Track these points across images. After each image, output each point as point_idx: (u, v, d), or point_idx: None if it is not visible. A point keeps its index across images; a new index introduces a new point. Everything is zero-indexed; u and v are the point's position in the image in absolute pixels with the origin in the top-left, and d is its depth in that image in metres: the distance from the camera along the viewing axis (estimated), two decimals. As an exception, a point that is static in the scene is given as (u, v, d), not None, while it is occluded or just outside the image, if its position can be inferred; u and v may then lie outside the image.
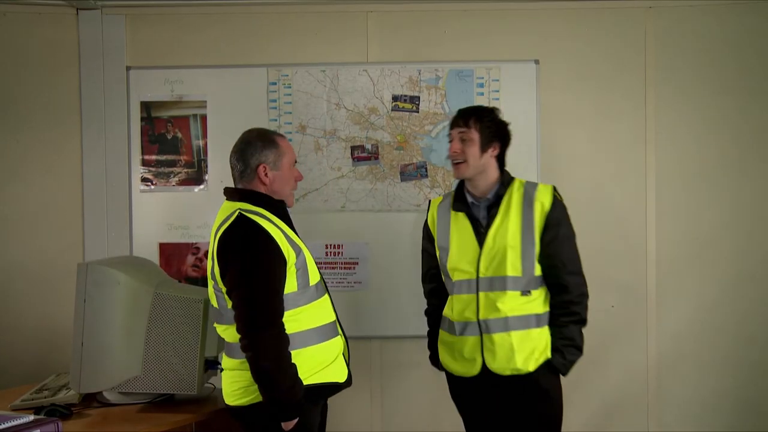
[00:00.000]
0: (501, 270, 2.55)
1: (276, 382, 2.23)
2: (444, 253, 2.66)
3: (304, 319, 2.35)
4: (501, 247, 2.54)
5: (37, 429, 2.07)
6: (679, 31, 3.61)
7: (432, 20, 3.65)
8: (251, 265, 2.26)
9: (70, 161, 3.68)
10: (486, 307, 2.56)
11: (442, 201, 2.78)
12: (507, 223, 2.56)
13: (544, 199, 2.59)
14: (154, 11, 3.67)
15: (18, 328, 3.64)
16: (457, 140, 2.63)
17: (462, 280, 2.61)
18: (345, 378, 2.47)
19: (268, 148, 2.47)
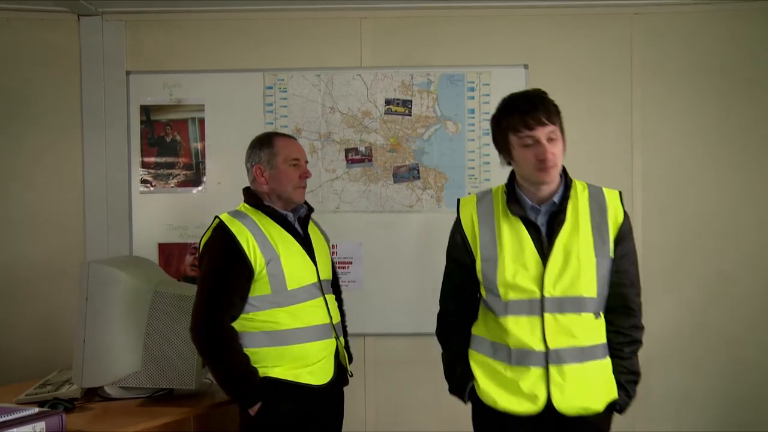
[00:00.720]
0: (574, 289, 2.13)
1: (217, 374, 2.48)
2: (490, 266, 2.18)
3: (284, 319, 2.49)
4: (573, 262, 2.12)
5: (41, 421, 2.18)
6: (664, 35, 3.70)
7: (424, 26, 3.74)
8: (206, 270, 2.51)
9: (71, 163, 3.76)
10: (556, 334, 2.11)
11: (479, 201, 2.31)
12: (577, 232, 2.15)
13: (617, 207, 2.21)
14: (153, 17, 3.75)
15: (21, 325, 3.73)
16: (545, 141, 2.09)
17: (520, 299, 2.14)
18: (326, 380, 2.57)
19: (262, 149, 2.62)
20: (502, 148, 2.20)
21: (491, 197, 2.29)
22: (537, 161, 2.09)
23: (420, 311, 3.71)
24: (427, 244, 3.71)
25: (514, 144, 2.13)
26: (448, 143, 3.69)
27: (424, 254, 3.71)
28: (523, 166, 2.14)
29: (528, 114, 2.10)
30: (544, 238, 2.16)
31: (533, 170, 2.11)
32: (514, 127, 2.11)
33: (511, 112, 2.14)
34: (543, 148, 2.09)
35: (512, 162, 2.21)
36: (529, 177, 2.15)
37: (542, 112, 2.11)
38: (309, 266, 2.59)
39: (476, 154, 3.68)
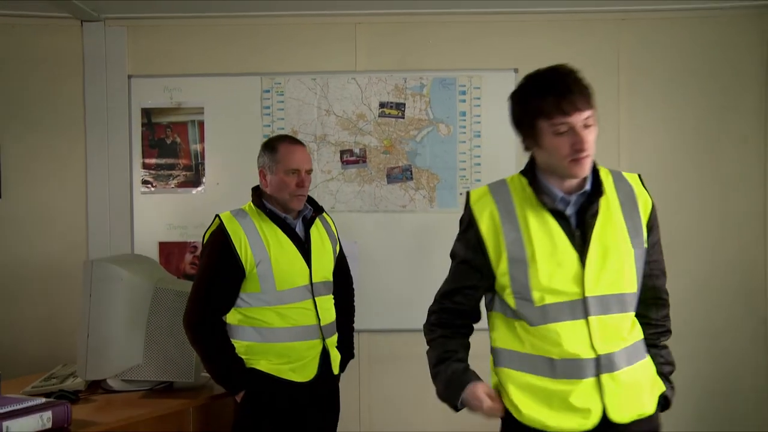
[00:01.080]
0: (617, 285, 1.88)
1: (206, 362, 2.66)
2: (520, 269, 1.88)
3: (271, 318, 2.63)
4: (612, 256, 1.87)
5: (48, 410, 2.31)
6: (650, 40, 3.82)
7: (417, 31, 3.85)
8: (201, 266, 2.70)
9: (74, 164, 3.88)
10: (604, 337, 1.85)
11: (494, 193, 1.96)
12: (612, 223, 1.90)
13: (643, 192, 1.99)
14: (154, 23, 3.87)
15: (27, 321, 3.84)
16: (581, 129, 1.80)
17: (559, 303, 1.85)
18: (309, 378, 2.69)
19: (267, 154, 2.75)
20: (528, 134, 1.88)
21: (507, 189, 1.96)
22: (572, 151, 1.80)
23: (413, 308, 3.77)
24: (420, 243, 3.83)
25: (544, 130, 1.82)
26: (440, 145, 3.80)
27: (416, 253, 3.83)
28: (554, 156, 1.83)
29: (564, 97, 1.78)
30: (575, 231, 1.89)
31: (567, 162, 1.82)
32: (547, 112, 1.79)
33: (542, 93, 1.81)
34: (579, 137, 1.79)
35: (538, 150, 1.89)
36: (561, 169, 1.85)
37: (579, 95, 1.80)
38: (302, 269, 2.70)
39: (467, 155, 3.79)
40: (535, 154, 1.91)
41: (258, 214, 2.69)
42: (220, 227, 2.63)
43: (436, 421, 3.86)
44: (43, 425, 2.26)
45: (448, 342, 2.03)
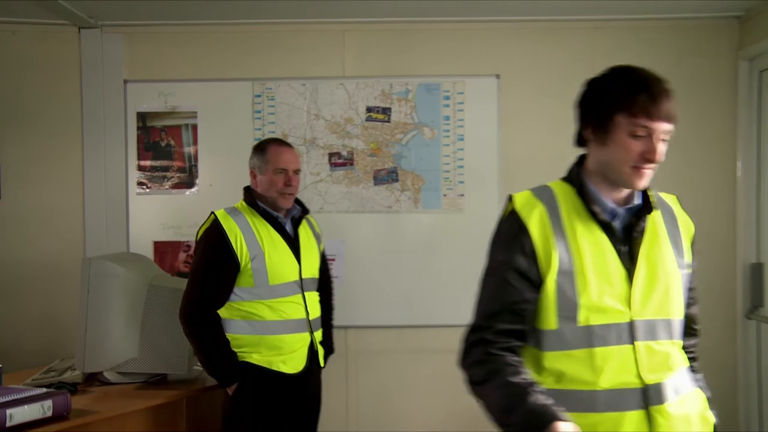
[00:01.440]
0: (664, 310, 1.71)
1: (200, 355, 2.78)
2: (567, 282, 1.67)
3: (264, 312, 2.78)
4: (660, 277, 1.71)
5: (49, 399, 2.45)
6: (622, 46, 3.94)
7: (403, 38, 3.98)
8: (197, 260, 2.82)
9: (72, 166, 3.99)
10: (652, 366, 1.67)
11: (540, 197, 1.76)
12: (658, 242, 1.75)
13: (683, 214, 1.88)
14: (150, 30, 3.98)
15: (26, 317, 3.95)
16: (658, 139, 1.65)
17: (604, 325, 1.66)
18: (298, 370, 2.84)
19: (257, 155, 2.93)
20: (597, 125, 1.70)
21: (552, 194, 1.77)
22: (641, 158, 1.65)
23: (399, 305, 3.97)
24: (405, 243, 3.97)
25: (620, 127, 1.65)
26: (424, 148, 3.94)
27: (402, 252, 3.97)
28: (619, 157, 1.67)
29: (656, 101, 1.63)
30: (622, 247, 1.72)
31: (629, 168, 1.67)
32: (632, 109, 1.63)
33: (635, 89, 1.65)
34: (654, 147, 1.64)
35: (597, 148, 1.73)
36: (619, 174, 1.69)
37: (670, 105, 1.65)
38: (292, 265, 2.85)
39: (451, 158, 3.93)
40: (592, 152, 1.74)
41: (251, 212, 2.85)
42: (216, 223, 2.77)
43: (421, 413, 4.03)
44: (44, 413, 2.40)
45: (518, 368, 1.65)
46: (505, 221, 1.75)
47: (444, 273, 3.96)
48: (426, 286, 3.98)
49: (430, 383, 4.04)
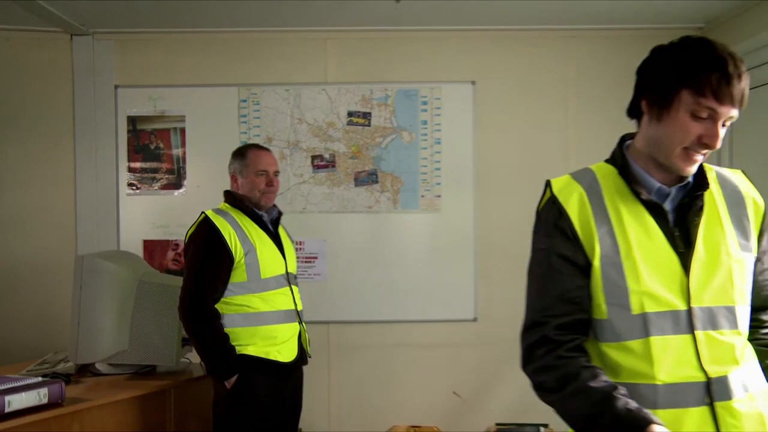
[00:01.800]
0: (726, 296, 1.58)
1: (200, 350, 2.89)
2: (614, 267, 1.57)
3: (257, 304, 2.93)
4: (722, 261, 1.59)
5: (45, 387, 2.61)
6: (595, 55, 4.17)
7: (382, 46, 4.18)
8: (193, 257, 2.93)
9: (64, 168, 4.17)
10: (715, 357, 1.54)
11: (579, 180, 1.66)
12: (719, 223, 1.62)
13: (753, 190, 1.69)
14: (140, 37, 4.16)
15: (20, 313, 4.12)
16: (718, 126, 1.52)
17: (660, 312, 1.54)
18: (291, 359, 3.00)
19: (237, 160, 3.09)
20: (658, 98, 1.56)
21: (594, 176, 1.66)
22: (697, 142, 1.52)
23: (378, 302, 4.17)
24: (385, 241, 4.17)
25: (683, 103, 1.51)
26: (403, 151, 4.13)
27: (381, 250, 4.17)
28: (674, 137, 1.54)
29: (729, 84, 1.47)
30: (674, 230, 1.60)
31: (680, 150, 1.54)
32: (702, 87, 1.48)
33: (709, 66, 1.49)
34: (715, 131, 1.51)
35: (651, 124, 1.59)
36: (668, 156, 1.56)
37: (741, 90, 1.49)
38: (279, 260, 3.03)
39: (428, 160, 4.12)
40: (644, 127, 1.62)
41: (236, 212, 3.01)
42: (208, 221, 2.91)
43: (401, 404, 4.24)
44: (40, 400, 2.56)
45: (594, 370, 1.54)
46: (543, 208, 1.66)
47: (422, 270, 4.16)
48: (405, 283, 4.17)
49: (409, 376, 4.25)
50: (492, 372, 4.21)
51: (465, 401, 4.23)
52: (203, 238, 2.92)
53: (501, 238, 4.14)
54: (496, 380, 4.20)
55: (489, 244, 4.18)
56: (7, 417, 2.44)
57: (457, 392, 4.23)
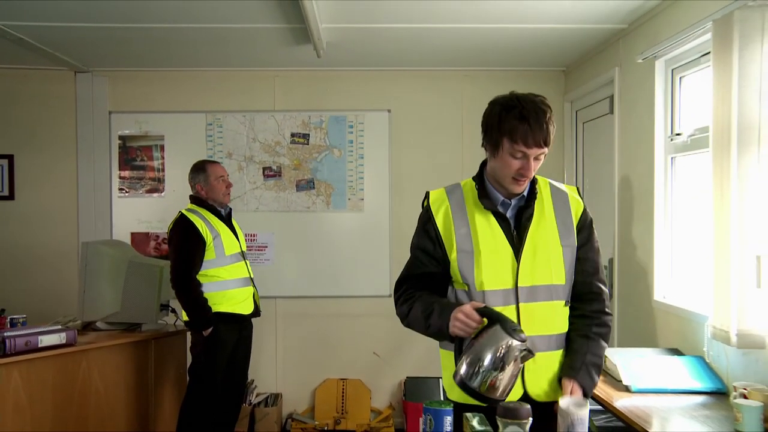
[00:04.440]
0: (545, 277, 2.11)
1: (187, 308, 3.94)
2: (466, 258, 2.12)
3: (224, 274, 4.02)
4: (542, 252, 2.11)
5: (64, 332, 3.67)
6: (482, 90, 4.93)
7: (318, 82, 5.23)
8: (177, 243, 3.96)
9: (69, 176, 5.17)
10: (530, 322, 2.08)
11: (450, 194, 2.22)
12: (544, 224, 2.14)
13: (577, 200, 2.22)
14: (128, 74, 5.17)
15: (33, 289, 5.10)
16: (532, 160, 2.05)
17: (495, 290, 2.09)
18: (250, 311, 4.13)
19: (200, 173, 4.15)
20: (490, 142, 2.09)
21: (461, 191, 2.20)
22: (516, 173, 2.05)
23: (315, 281, 5.23)
24: (320, 234, 5.23)
25: (504, 148, 2.04)
26: (334, 164, 5.22)
27: (318, 241, 5.23)
28: (502, 170, 2.07)
29: (533, 132, 1.99)
30: (513, 230, 2.12)
31: (509, 179, 2.07)
32: (513, 137, 2.01)
33: (518, 119, 2.00)
34: (528, 165, 2.03)
35: (491, 158, 2.12)
36: (502, 181, 2.10)
37: (544, 134, 2.01)
38: (235, 242, 4.14)
39: (354, 172, 5.23)
40: (489, 160, 2.14)
41: (202, 210, 4.10)
42: (185, 217, 3.97)
43: (333, 361, 5.26)
44: (60, 341, 3.65)
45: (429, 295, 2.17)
46: (421, 213, 2.23)
47: (349, 256, 5.24)
48: (335, 266, 5.24)
49: (339, 339, 5.29)
50: (403, 336, 5.08)
51: (382, 359, 5.31)
52: (183, 230, 3.96)
53: (410, 231, 4.86)
54: (406, 344, 5.23)
55: (401, 235, 5.14)
56: (40, 350, 3.55)
57: (376, 352, 5.31)
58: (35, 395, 3.52)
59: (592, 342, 2.13)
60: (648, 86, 3.73)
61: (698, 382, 2.95)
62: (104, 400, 3.90)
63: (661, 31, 3.56)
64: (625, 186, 4.06)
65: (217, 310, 3.99)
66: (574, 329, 2.16)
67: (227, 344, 4.06)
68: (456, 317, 1.96)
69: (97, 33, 4.18)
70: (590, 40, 4.39)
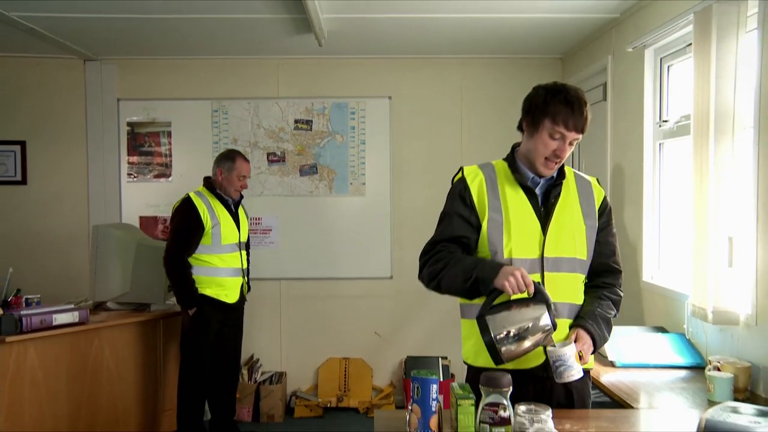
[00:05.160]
0: (569, 250, 2.26)
1: (174, 287, 4.13)
2: (496, 227, 2.24)
3: (216, 261, 4.20)
4: (567, 228, 2.26)
5: (77, 311, 3.85)
6: (481, 77, 5.37)
7: (321, 69, 5.36)
8: (176, 224, 4.15)
9: (79, 161, 5.33)
10: (553, 290, 2.17)
11: (483, 169, 2.33)
12: (570, 205, 2.29)
13: (598, 188, 2.37)
14: (137, 62, 5.32)
15: (46, 271, 5.26)
16: (567, 144, 2.20)
17: (523, 259, 2.21)
18: (234, 301, 4.28)
19: (227, 161, 4.29)
20: (530, 122, 2.21)
21: (493, 168, 2.32)
22: (552, 154, 2.19)
23: (318, 263, 5.39)
24: (323, 218, 5.38)
25: (544, 127, 2.17)
26: (336, 149, 5.37)
27: (320, 224, 5.38)
28: (537, 149, 2.20)
29: (575, 117, 2.14)
30: (540, 206, 2.25)
31: (542, 159, 2.20)
32: (556, 118, 2.14)
33: (563, 103, 2.14)
34: (564, 147, 2.18)
35: (527, 138, 2.25)
36: (535, 161, 2.23)
37: (583, 121, 2.16)
38: (235, 232, 4.30)
39: (355, 157, 5.37)
40: (523, 140, 2.28)
41: (210, 195, 4.26)
42: (190, 200, 4.14)
43: (333, 340, 5.42)
44: (73, 319, 3.83)
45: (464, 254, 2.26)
46: (455, 183, 2.32)
47: (351, 240, 5.39)
48: (338, 250, 5.40)
49: (342, 320, 5.44)
50: (404, 317, 5.46)
51: (384, 339, 5.48)
52: (185, 212, 4.13)
53: (410, 215, 5.34)
54: (407, 323, 5.44)
55: (401, 219, 5.38)
56: (54, 328, 3.73)
57: (378, 332, 5.49)
58: (50, 371, 3.70)
59: (603, 301, 2.27)
60: (638, 74, 3.86)
61: (679, 357, 3.10)
62: (115, 376, 4.09)
63: (650, 21, 3.68)
64: (617, 171, 4.20)
65: (203, 292, 4.15)
66: (586, 294, 2.30)
67: (212, 325, 4.24)
68: (513, 273, 2.04)
69: (106, 23, 4.33)
70: (585, 29, 4.51)
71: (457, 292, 2.20)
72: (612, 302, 2.30)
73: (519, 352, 2.07)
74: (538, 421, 1.88)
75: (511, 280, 2.03)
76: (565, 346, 2.08)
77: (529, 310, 2.07)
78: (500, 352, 2.05)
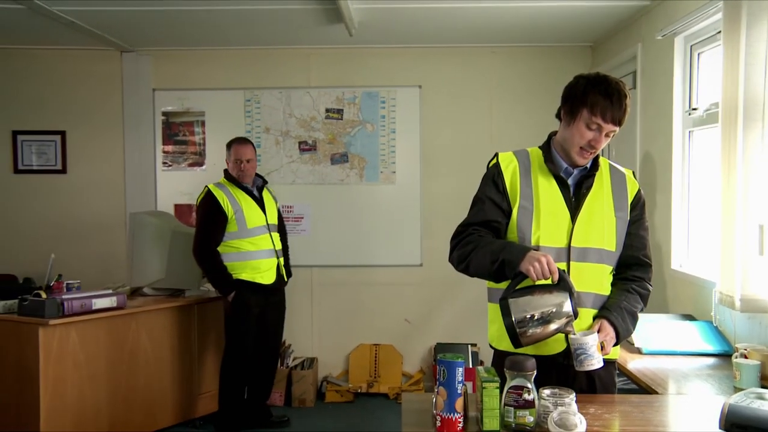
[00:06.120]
0: (597, 241, 2.26)
1: (208, 275, 4.25)
2: (526, 214, 2.25)
3: (246, 246, 4.28)
4: (597, 219, 2.26)
5: (115, 296, 3.99)
6: (511, 65, 5.38)
7: (352, 59, 5.42)
8: (201, 216, 4.26)
9: (117, 150, 5.46)
10: (579, 280, 2.18)
11: (518, 156, 2.33)
12: (602, 196, 2.28)
13: (633, 181, 2.36)
14: (171, 53, 5.42)
15: (86, 256, 5.40)
16: (603, 135, 2.19)
17: (550, 247, 2.22)
18: (271, 281, 4.36)
19: (227, 150, 4.42)
20: (569, 110, 2.22)
21: (528, 155, 2.33)
22: (587, 144, 2.19)
23: (349, 251, 5.46)
24: (353, 206, 5.45)
25: (582, 116, 2.17)
26: (367, 138, 5.43)
27: (351, 212, 5.44)
28: (573, 138, 2.21)
29: (613, 108, 2.14)
30: (572, 196, 2.25)
31: (578, 149, 2.20)
32: (594, 109, 2.15)
33: (602, 94, 2.15)
34: (599, 138, 2.18)
35: (564, 126, 2.26)
36: (570, 150, 2.23)
37: (621, 113, 2.16)
38: (260, 215, 4.38)
39: (386, 146, 5.43)
40: (560, 128, 2.29)
41: (230, 184, 4.36)
42: (210, 193, 4.26)
43: (364, 326, 5.49)
44: (112, 304, 3.96)
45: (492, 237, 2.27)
46: (490, 168, 2.33)
47: (381, 227, 5.45)
48: (368, 237, 5.47)
49: (372, 307, 5.51)
50: (433, 304, 5.51)
51: (413, 326, 5.53)
52: (206, 205, 4.25)
53: (440, 203, 5.37)
54: (436, 310, 5.50)
55: (431, 207, 5.41)
56: (93, 312, 3.86)
57: (407, 319, 5.55)
58: (91, 353, 3.84)
59: (631, 295, 2.27)
60: (668, 62, 3.85)
61: (707, 344, 3.12)
62: (152, 358, 4.21)
63: (680, 9, 3.67)
64: (646, 159, 4.20)
65: (238, 277, 4.26)
66: (614, 286, 2.30)
67: (252, 309, 4.33)
68: (538, 258, 2.05)
69: (142, 15, 4.44)
70: (615, 16, 4.50)
71: (485, 274, 2.22)
72: (640, 296, 2.30)
73: (538, 336, 2.11)
74: (562, 404, 1.92)
75: (536, 266, 2.04)
76: (587, 335, 2.11)
77: (552, 296, 2.09)
78: (519, 335, 2.09)
